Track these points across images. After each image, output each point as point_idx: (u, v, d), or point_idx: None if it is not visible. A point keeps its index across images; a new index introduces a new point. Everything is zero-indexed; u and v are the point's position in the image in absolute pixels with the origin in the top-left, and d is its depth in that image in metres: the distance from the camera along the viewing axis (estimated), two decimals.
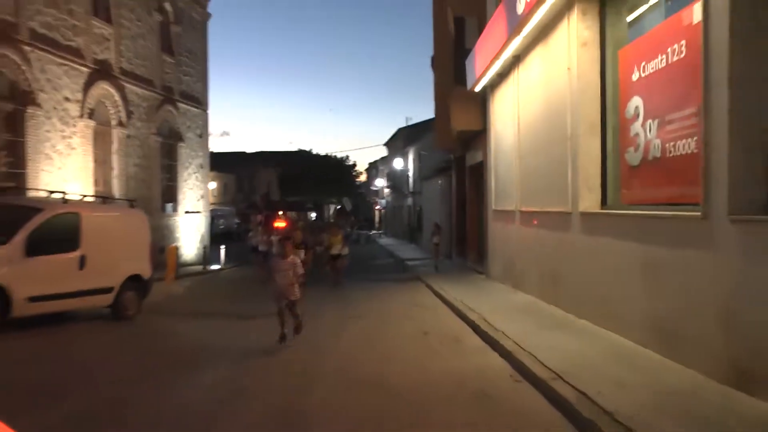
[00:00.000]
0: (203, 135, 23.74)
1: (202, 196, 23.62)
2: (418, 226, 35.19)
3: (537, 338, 7.27)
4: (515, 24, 10.00)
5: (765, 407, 4.46)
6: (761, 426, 4.19)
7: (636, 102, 7.07)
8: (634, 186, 7.34)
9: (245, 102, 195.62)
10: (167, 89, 20.51)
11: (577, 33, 8.52)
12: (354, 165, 72.95)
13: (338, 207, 68.55)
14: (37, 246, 8.75)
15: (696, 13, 5.53)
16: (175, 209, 21.31)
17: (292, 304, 8.18)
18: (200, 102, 23.35)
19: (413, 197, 39.24)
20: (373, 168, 70.88)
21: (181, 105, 21.53)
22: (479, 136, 16.41)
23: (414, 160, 40.05)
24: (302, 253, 12.45)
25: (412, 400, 5.42)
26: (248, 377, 6.41)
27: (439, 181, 25.98)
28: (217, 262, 21.44)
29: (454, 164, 21.70)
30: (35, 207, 9.36)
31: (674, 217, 5.97)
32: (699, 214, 5.34)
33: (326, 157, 70.13)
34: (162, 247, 17.31)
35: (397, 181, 47.64)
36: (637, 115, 7.03)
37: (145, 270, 11.16)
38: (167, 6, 20.69)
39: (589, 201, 8.35)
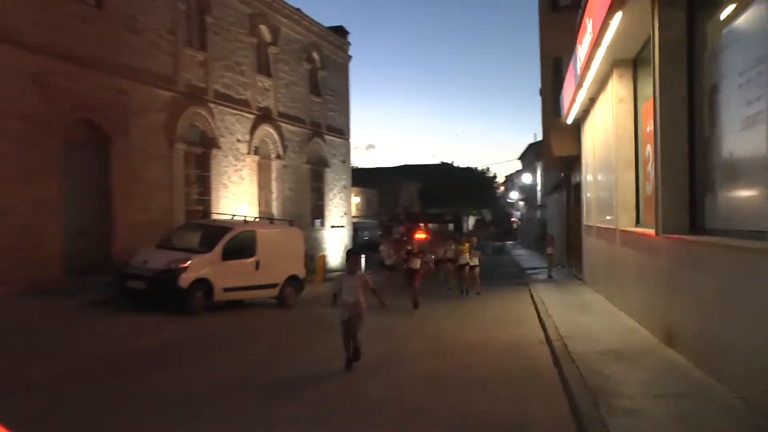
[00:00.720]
0: (346, 161, 27.82)
1: (345, 213, 27.65)
2: (544, 238, 37.47)
3: (571, 320, 10.09)
4: (577, 79, 12.75)
5: (674, 354, 7.13)
6: (664, 360, 6.90)
7: (648, 148, 9.72)
8: (649, 210, 9.98)
9: (391, 114, 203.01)
10: (315, 125, 24.69)
11: (615, 91, 11.21)
12: (494, 177, 75.49)
13: (478, 218, 71.40)
14: (229, 253, 12.73)
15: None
16: (322, 224, 25.43)
17: (354, 324, 7.63)
18: (343, 133, 27.44)
19: (540, 210, 41.48)
20: (509, 180, 73.06)
21: (326, 137, 25.67)
22: (577, 159, 18.94)
23: (540, 175, 42.28)
24: (418, 262, 15.55)
25: (471, 348, 8.61)
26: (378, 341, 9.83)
27: (556, 196, 28.38)
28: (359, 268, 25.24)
29: (564, 182, 24.16)
30: (228, 227, 13.44)
31: (645, 234, 8.69)
32: (653, 232, 8.05)
33: (467, 169, 73.27)
34: (312, 255, 21.31)
35: (528, 194, 49.93)
36: (648, 158, 9.68)
37: (300, 272, 14.97)
38: (315, 55, 24.91)
39: (625, 220, 10.99)
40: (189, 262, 12.04)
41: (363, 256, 18.23)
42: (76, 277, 13.44)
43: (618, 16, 8.04)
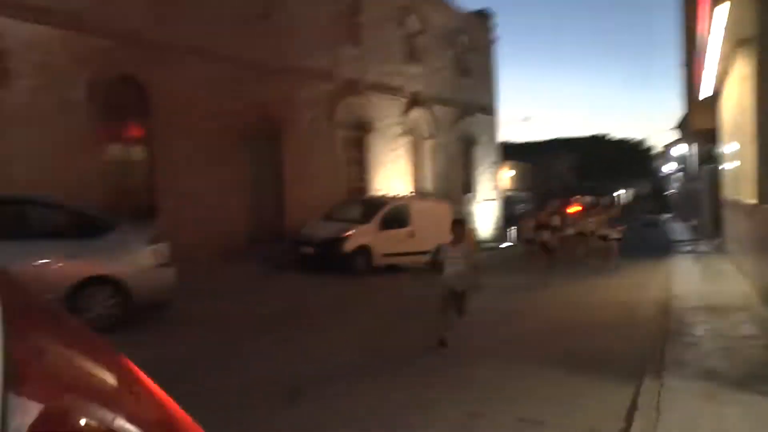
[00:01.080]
0: (494, 137, 29.19)
1: (495, 187, 29.10)
2: (696, 210, 36.61)
3: (690, 286, 11.11)
4: (705, 55, 13.38)
5: (766, 311, 8.14)
6: (753, 315, 7.97)
7: None
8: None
9: (548, 85, 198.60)
10: (464, 105, 26.27)
11: (740, 69, 11.87)
12: (650, 149, 72.96)
13: (632, 191, 69.54)
14: (386, 224, 14.85)
15: None
16: (473, 198, 27.09)
17: (460, 297, 7.39)
18: (490, 111, 28.80)
19: (694, 182, 40.32)
20: (666, 152, 70.26)
21: (475, 116, 27.18)
22: (716, 133, 19.11)
23: (695, 146, 40.96)
24: (547, 233, 16.02)
25: (591, 306, 10.06)
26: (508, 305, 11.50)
27: (706, 168, 28.00)
28: (508, 240, 26.79)
29: (710, 155, 24.04)
30: (384, 201, 15.57)
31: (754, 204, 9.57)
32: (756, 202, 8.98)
33: (621, 141, 71.44)
34: None
35: (685, 165, 48.32)
36: None
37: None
38: (461, 40, 26.40)
39: (746, 192, 11.71)
40: (352, 231, 14.30)
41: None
42: (256, 246, 16.15)
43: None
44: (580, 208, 28.02)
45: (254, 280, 13.26)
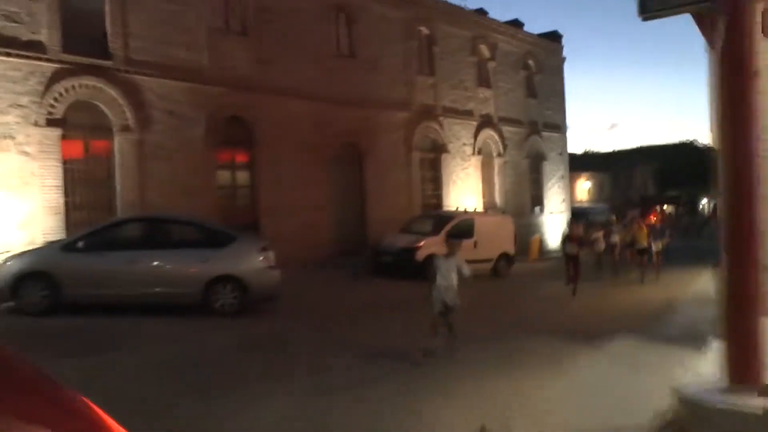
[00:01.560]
0: (563, 153, 30.89)
1: (563, 200, 30.75)
2: None
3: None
4: None
5: None
6: None
7: None
8: None
9: (633, 90, 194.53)
10: (532, 124, 28.17)
11: None
12: None
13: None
14: (452, 235, 16.99)
15: None
16: (541, 211, 28.87)
17: (449, 311, 7.71)
18: (559, 128, 30.54)
19: None
20: None
21: (543, 133, 29.01)
22: None
23: None
24: (574, 247, 15.67)
25: (629, 302, 12.03)
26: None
27: None
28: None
29: None
30: (451, 216, 17.86)
31: None
32: None
33: (709, 148, 70.31)
34: (527, 238, 24.98)
35: None
36: None
37: (511, 250, 18.89)
38: (530, 63, 28.36)
39: None
40: (423, 242, 16.63)
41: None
42: (342, 256, 18.63)
43: None
44: (655, 217, 28.55)
45: (341, 283, 15.77)
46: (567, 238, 16.41)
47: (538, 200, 28.86)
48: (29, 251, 10.78)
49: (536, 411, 5.86)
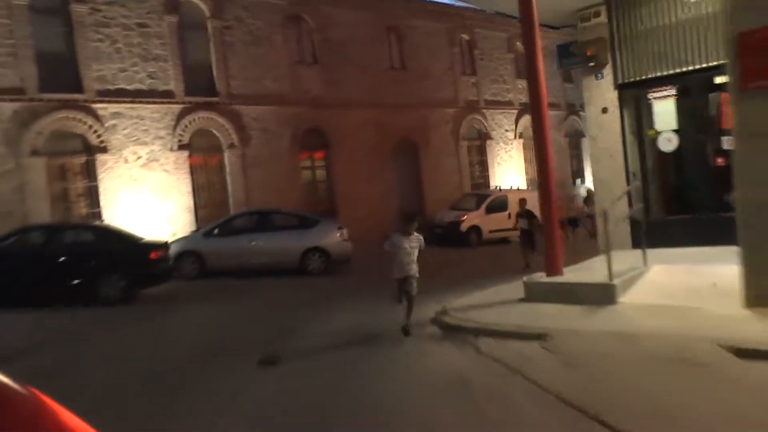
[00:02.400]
0: None
1: None
2: None
3: None
4: None
5: None
6: None
7: None
8: None
9: None
10: (570, 106, 31.65)
11: None
12: None
13: None
14: (490, 209, 21.21)
15: None
16: (582, 182, 32.35)
17: (410, 284, 8.23)
18: None
19: None
20: None
21: (581, 113, 32.40)
22: None
23: None
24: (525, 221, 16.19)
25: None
26: None
27: None
28: None
29: None
30: (488, 194, 22.01)
31: None
32: None
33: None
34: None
35: None
36: None
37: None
38: None
39: None
40: (466, 216, 20.84)
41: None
42: None
43: None
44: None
45: None
46: (518, 215, 16.65)
47: (580, 174, 32.36)
48: (182, 237, 15.81)
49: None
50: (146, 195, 17.23)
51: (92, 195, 16.57)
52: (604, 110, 11.58)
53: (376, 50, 23.20)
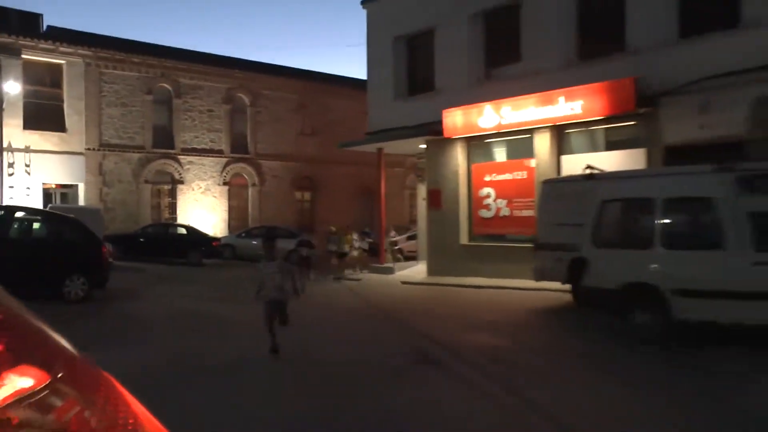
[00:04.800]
0: None
1: None
2: None
3: None
4: None
5: None
6: None
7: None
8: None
9: None
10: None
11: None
12: None
13: None
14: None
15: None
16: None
17: (282, 307, 8.21)
18: None
19: None
20: None
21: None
22: None
23: None
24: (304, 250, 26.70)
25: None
26: None
27: None
28: None
29: None
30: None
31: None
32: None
33: None
34: None
35: None
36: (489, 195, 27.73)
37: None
38: None
39: None
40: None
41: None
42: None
43: None
44: None
45: None
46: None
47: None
48: (225, 236, 27.97)
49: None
50: (202, 210, 29.52)
51: (173, 207, 28.89)
52: (424, 198, 23.60)
53: (356, 125, 35.49)
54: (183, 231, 24.98)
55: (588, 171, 11.92)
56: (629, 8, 15.27)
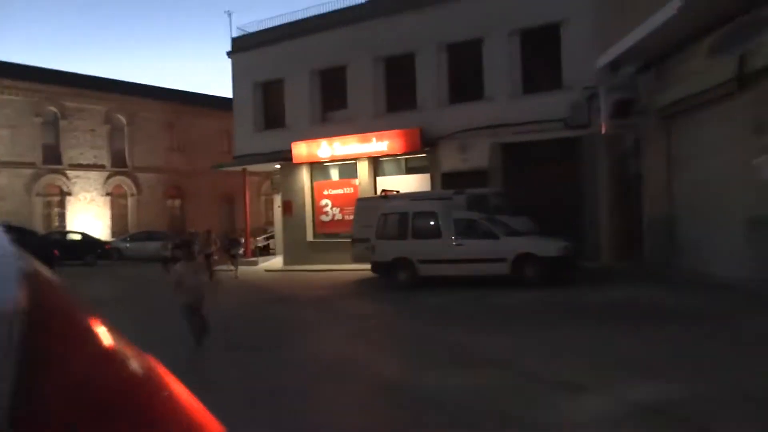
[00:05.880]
0: None
1: None
2: None
3: None
4: None
5: None
6: None
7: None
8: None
9: None
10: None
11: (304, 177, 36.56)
12: None
13: None
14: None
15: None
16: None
17: (197, 304, 8.88)
18: None
19: None
20: None
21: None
22: None
23: None
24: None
25: None
26: None
27: None
28: None
29: None
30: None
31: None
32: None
33: None
34: None
35: None
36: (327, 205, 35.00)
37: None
38: None
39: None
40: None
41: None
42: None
43: None
44: None
45: None
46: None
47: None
48: (113, 241, 32.89)
49: None
50: (89, 218, 34.21)
51: (63, 217, 33.41)
52: (279, 206, 30.08)
53: (217, 140, 41.24)
54: (78, 237, 29.77)
55: (382, 193, 19.18)
56: (419, 80, 22.74)
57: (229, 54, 28.14)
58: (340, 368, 8.03)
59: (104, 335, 0.77)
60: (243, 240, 26.91)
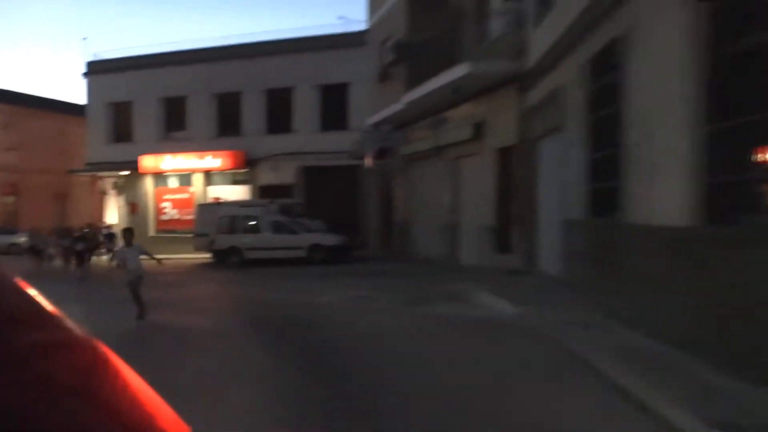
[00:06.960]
0: None
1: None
2: None
3: None
4: None
5: None
6: None
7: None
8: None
9: None
10: None
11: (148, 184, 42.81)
12: None
13: None
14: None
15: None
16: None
17: (137, 284, 10.37)
18: None
19: None
20: None
21: None
22: None
23: None
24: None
25: None
26: None
27: None
28: None
29: None
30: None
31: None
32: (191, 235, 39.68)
33: None
34: None
35: None
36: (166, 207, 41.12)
37: None
38: None
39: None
40: None
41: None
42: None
43: None
44: None
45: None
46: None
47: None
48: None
49: None
50: None
51: None
52: (123, 206, 35.60)
53: (53, 140, 44.89)
54: None
55: (216, 200, 26.28)
56: (244, 114, 30.01)
57: (84, 75, 33.31)
58: (207, 300, 15.33)
59: (51, 319, 0.65)
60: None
